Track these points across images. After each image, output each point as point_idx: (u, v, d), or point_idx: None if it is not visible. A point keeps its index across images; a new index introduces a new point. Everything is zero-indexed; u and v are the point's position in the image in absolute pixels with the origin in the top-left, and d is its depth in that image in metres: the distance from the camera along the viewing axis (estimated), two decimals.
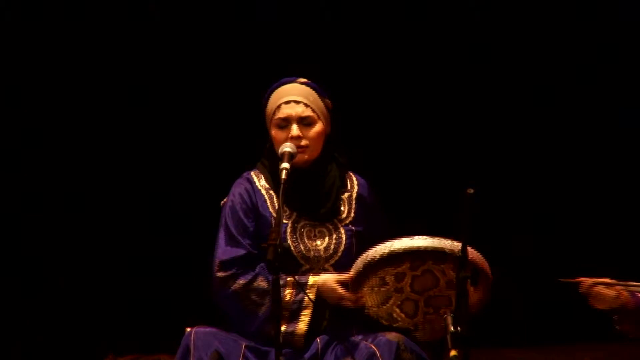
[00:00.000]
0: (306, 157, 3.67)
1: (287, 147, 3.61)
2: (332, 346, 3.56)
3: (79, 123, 5.95)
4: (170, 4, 5.98)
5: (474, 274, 3.40)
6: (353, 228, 3.72)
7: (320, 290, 3.58)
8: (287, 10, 6.03)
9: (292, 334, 3.54)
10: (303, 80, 3.77)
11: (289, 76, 3.82)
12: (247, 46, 5.99)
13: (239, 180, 3.78)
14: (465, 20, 6.10)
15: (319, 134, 3.71)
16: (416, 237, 3.46)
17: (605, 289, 3.60)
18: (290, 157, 3.59)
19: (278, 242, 3.26)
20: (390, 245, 3.45)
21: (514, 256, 6.12)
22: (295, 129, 3.67)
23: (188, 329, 3.56)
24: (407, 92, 6.13)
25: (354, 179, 3.84)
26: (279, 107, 3.71)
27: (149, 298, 5.91)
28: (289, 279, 3.58)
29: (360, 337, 3.55)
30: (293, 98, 3.72)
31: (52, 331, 5.89)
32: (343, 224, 3.72)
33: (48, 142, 5.93)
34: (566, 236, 6.18)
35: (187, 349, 3.50)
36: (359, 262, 3.50)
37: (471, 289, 3.45)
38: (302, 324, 3.56)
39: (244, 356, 3.53)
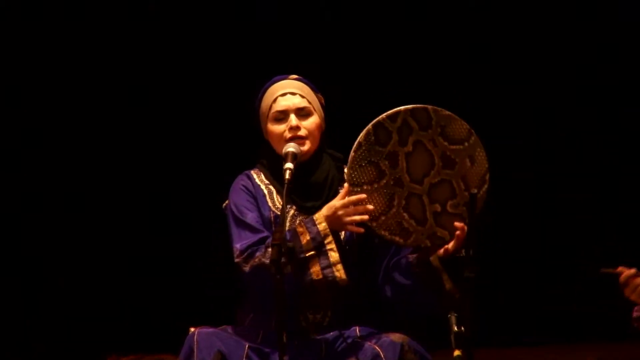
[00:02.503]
0: (305, 148, 3.67)
1: (290, 148, 3.61)
2: (336, 347, 3.55)
3: (78, 123, 5.95)
4: (170, 4, 5.98)
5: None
6: None
7: (325, 216, 3.51)
8: (287, 10, 6.03)
9: (329, 266, 3.46)
10: (295, 76, 3.78)
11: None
12: (247, 46, 6.00)
13: (239, 177, 3.78)
14: (465, 21, 6.11)
15: (316, 125, 3.71)
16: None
17: None
18: (294, 157, 3.58)
19: (281, 242, 3.25)
20: (373, 120, 3.48)
21: (515, 256, 6.14)
22: (293, 119, 3.68)
23: (192, 329, 3.56)
24: (407, 91, 6.14)
25: None
26: (275, 100, 3.72)
27: (152, 298, 5.91)
28: (296, 225, 3.54)
29: (364, 337, 3.54)
30: (289, 90, 3.73)
31: (54, 331, 5.89)
32: None
33: (48, 142, 5.93)
34: (567, 235, 6.20)
35: (190, 350, 3.48)
36: (350, 153, 3.49)
37: (468, 164, 3.48)
38: (334, 253, 3.47)
39: (247, 357, 3.52)
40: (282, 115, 3.70)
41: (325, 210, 3.52)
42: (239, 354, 3.51)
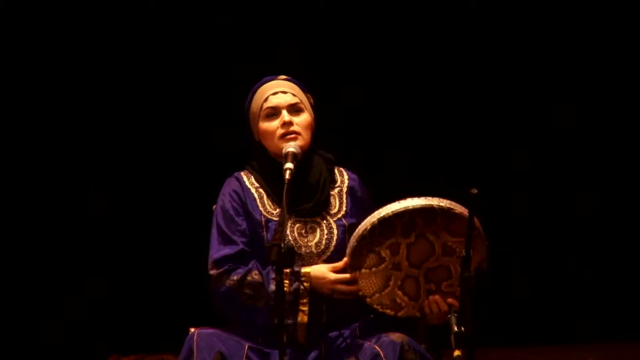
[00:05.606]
0: (299, 144, 3.67)
1: (290, 148, 3.61)
2: (336, 347, 3.55)
3: (78, 123, 5.95)
4: (170, 4, 5.98)
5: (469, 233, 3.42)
6: (345, 222, 3.71)
7: (312, 278, 3.56)
8: (287, 10, 6.03)
9: (294, 325, 3.52)
10: (284, 76, 3.81)
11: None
12: (247, 46, 6.00)
13: (228, 180, 3.79)
14: (465, 20, 6.11)
15: (308, 122, 3.72)
16: (402, 200, 3.47)
17: None
18: (294, 157, 3.58)
19: (281, 242, 3.25)
20: (379, 213, 3.47)
21: (516, 256, 6.14)
22: (286, 115, 3.69)
23: (192, 329, 3.56)
24: (406, 90, 6.14)
25: (345, 173, 3.84)
26: (266, 99, 3.73)
27: (153, 298, 5.91)
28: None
29: (363, 337, 3.54)
30: (280, 89, 3.75)
31: (56, 331, 5.89)
32: (335, 219, 3.70)
33: (48, 142, 5.93)
34: (568, 235, 6.21)
35: (190, 351, 3.49)
36: (352, 240, 3.51)
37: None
38: (303, 315, 3.53)
39: (247, 357, 3.52)
40: (274, 112, 3.71)
41: (315, 272, 3.56)
42: (239, 354, 3.52)
